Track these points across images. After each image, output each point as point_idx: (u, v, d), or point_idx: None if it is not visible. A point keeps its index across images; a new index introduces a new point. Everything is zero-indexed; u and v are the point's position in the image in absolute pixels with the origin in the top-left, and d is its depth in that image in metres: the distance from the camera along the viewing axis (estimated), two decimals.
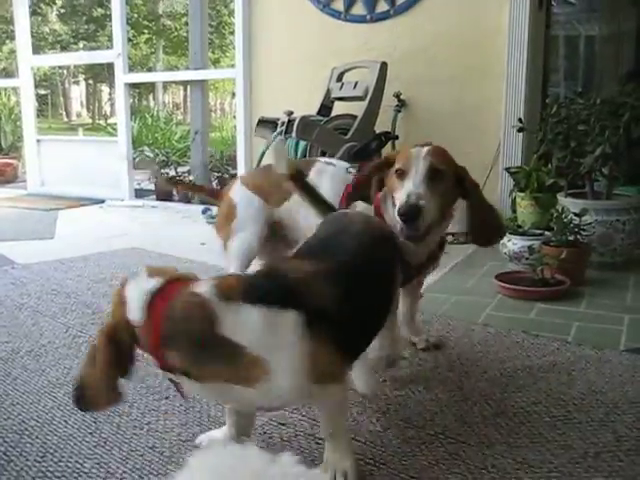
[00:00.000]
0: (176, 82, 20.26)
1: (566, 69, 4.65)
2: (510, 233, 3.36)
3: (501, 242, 3.38)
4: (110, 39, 6.32)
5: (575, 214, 3.12)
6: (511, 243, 3.30)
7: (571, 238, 3.08)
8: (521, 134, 3.99)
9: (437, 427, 1.71)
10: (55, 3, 19.45)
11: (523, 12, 4.07)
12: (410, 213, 1.73)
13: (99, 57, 7.68)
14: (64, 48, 18.88)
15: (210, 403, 1.86)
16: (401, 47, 4.46)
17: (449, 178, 1.85)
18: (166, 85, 21.76)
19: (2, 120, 7.94)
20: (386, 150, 4.24)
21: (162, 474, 1.51)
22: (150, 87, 20.33)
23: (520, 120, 3.70)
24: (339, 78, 4.44)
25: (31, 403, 1.89)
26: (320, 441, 1.63)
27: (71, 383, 2.01)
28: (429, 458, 1.56)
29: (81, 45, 19.69)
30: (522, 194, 3.79)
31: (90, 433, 1.71)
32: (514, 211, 3.91)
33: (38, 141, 6.75)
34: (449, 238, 4.01)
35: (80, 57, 10.91)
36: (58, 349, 2.30)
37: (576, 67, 5.10)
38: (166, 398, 1.91)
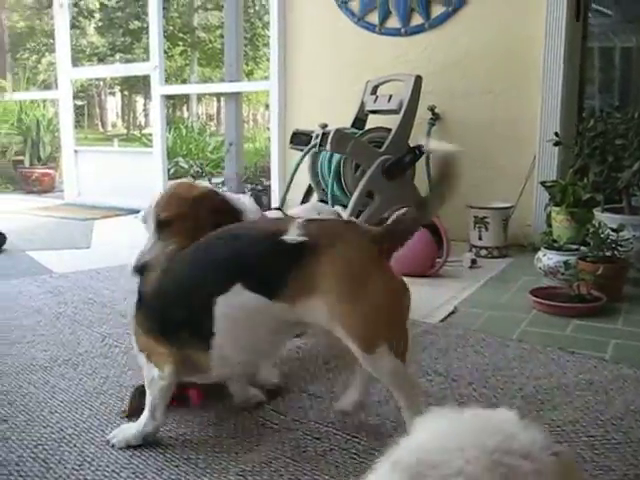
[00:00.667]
0: (210, 94, 20.46)
1: (602, 81, 4.60)
2: (545, 248, 3.33)
3: (536, 257, 3.35)
4: (146, 51, 6.42)
5: (612, 229, 3.08)
6: (546, 258, 3.27)
7: (608, 254, 3.04)
8: (557, 148, 3.95)
9: None
10: (93, 17, 19.81)
11: (560, 23, 4.04)
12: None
13: (136, 69, 7.83)
14: (101, 60, 19.21)
15: (243, 417, 1.87)
16: (436, 60, 4.46)
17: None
18: (200, 96, 21.97)
19: (41, 131, 8.09)
20: (419, 164, 4.25)
21: None
22: (184, 98, 20.57)
23: (556, 134, 3.67)
24: (373, 91, 4.45)
25: (69, 411, 1.92)
26: (355, 455, 1.63)
27: (108, 393, 2.04)
28: None
29: (117, 57, 20.01)
30: (557, 208, 3.75)
31: None
32: (549, 225, 3.87)
33: (75, 152, 6.88)
34: (483, 252, 3.99)
35: (117, 69, 11.13)
36: (95, 358, 2.34)
37: (612, 79, 5.04)
38: (200, 409, 1.92)
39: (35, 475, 1.57)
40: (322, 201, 4.41)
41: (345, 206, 4.04)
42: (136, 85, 22.40)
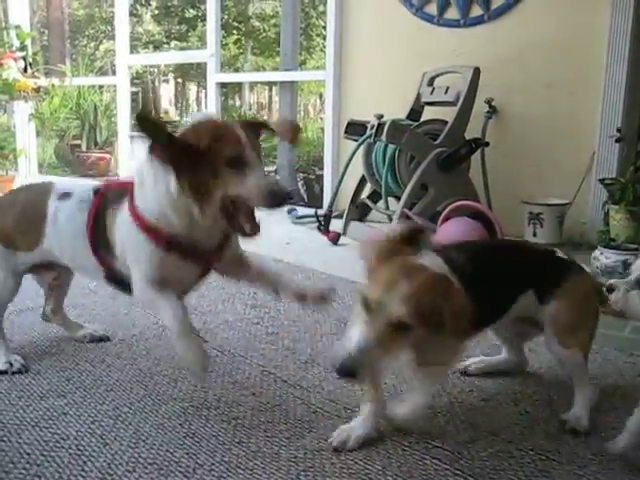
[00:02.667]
0: (262, 82, 20.54)
1: None
2: (603, 246, 3.25)
3: (593, 255, 3.28)
4: (201, 39, 6.49)
5: None
6: (604, 257, 3.19)
7: None
8: (617, 144, 3.85)
9: (526, 442, 1.67)
10: (150, 4, 20.06)
11: (625, 18, 3.92)
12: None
13: (193, 57, 7.90)
14: (157, 47, 19.45)
15: (295, 403, 1.87)
16: (494, 53, 4.38)
17: None
18: (252, 85, 22.08)
19: (98, 116, 8.25)
20: (475, 157, 4.19)
21: (249, 469, 1.53)
22: (237, 87, 20.69)
23: (619, 130, 3.58)
24: (430, 83, 4.41)
25: (124, 390, 1.95)
26: (407, 447, 1.62)
27: (162, 374, 2.07)
28: (518, 474, 1.53)
29: (172, 45, 20.24)
30: (616, 207, 3.65)
31: (180, 424, 1.75)
32: (607, 224, 3.77)
33: (131, 137, 6.99)
34: None
35: (174, 57, 11.23)
36: (149, 340, 2.38)
37: None
38: (253, 394, 1.94)
39: (93, 450, 1.60)
40: (375, 192, 4.40)
41: (398, 198, 4.02)
42: (189, 73, 22.63)
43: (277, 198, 1.67)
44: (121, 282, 1.91)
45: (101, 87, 8.63)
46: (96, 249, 1.90)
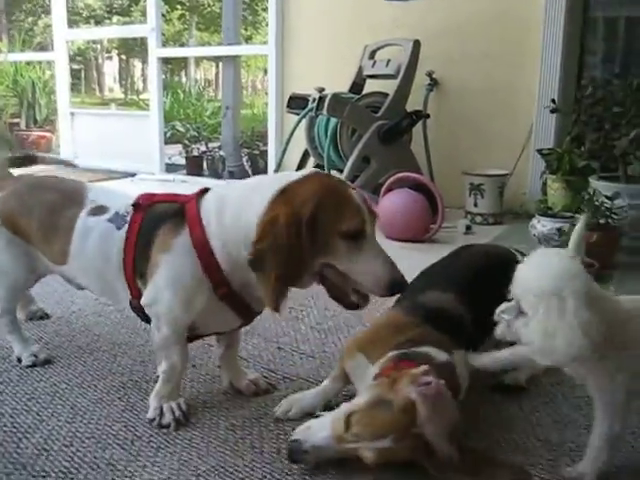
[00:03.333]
0: (208, 58, 20.27)
1: (605, 52, 4.54)
2: (539, 215, 3.34)
3: (530, 224, 3.36)
4: (143, 14, 6.34)
5: (607, 197, 3.08)
6: (540, 225, 3.27)
7: (602, 221, 3.05)
8: (554, 115, 3.94)
9: None
10: None
11: None
12: None
13: (133, 31, 7.74)
14: (98, 22, 18.99)
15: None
16: (434, 24, 4.42)
17: None
18: (198, 61, 21.78)
19: (37, 93, 8.01)
20: (416, 129, 4.23)
21: (187, 439, 1.55)
22: (182, 63, 20.38)
23: (553, 101, 3.66)
24: (371, 56, 4.42)
25: (62, 367, 1.94)
26: None
27: (101, 350, 2.06)
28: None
29: (115, 20, 19.78)
30: (553, 176, 3.75)
31: (119, 398, 1.75)
32: (545, 193, 3.87)
33: (72, 114, 6.84)
34: (478, 219, 4.01)
35: (114, 31, 10.98)
36: (88, 316, 2.36)
37: (616, 50, 4.98)
38: (193, 366, 1.94)
39: (29, 427, 1.59)
40: (318, 166, 4.41)
41: (341, 171, 4.04)
42: (134, 49, 22.17)
43: (395, 289, 1.47)
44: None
45: (40, 63, 8.39)
46: (132, 273, 1.64)
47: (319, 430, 1.38)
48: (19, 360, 1.95)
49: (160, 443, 1.53)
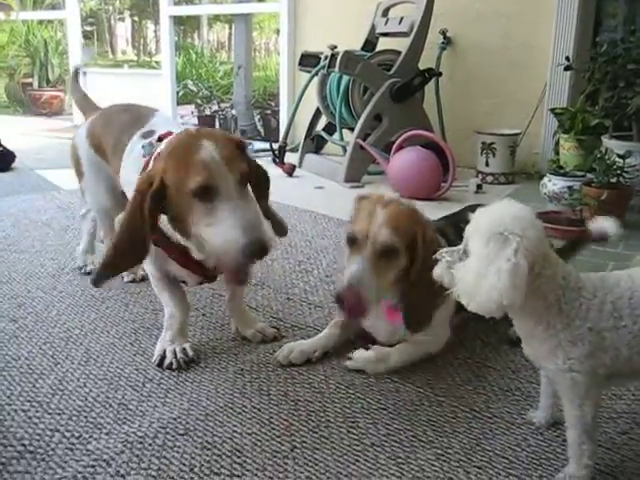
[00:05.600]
0: (220, 20, 20.03)
1: (625, 14, 4.45)
2: (551, 173, 3.33)
3: (541, 182, 3.35)
4: None
5: (619, 156, 3.07)
6: (551, 183, 3.27)
7: (613, 180, 3.04)
8: (568, 74, 3.90)
9: (466, 352, 1.76)
10: None
11: None
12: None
13: None
14: None
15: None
16: None
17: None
18: (211, 22, 21.50)
19: (49, 53, 8.00)
20: (429, 87, 4.20)
21: (196, 382, 1.59)
22: (195, 24, 20.14)
23: (567, 58, 3.61)
24: (384, 13, 4.37)
25: (75, 314, 1.98)
26: (349, 359, 1.69)
27: (113, 299, 2.10)
28: (456, 379, 1.61)
29: None
30: (566, 136, 3.72)
31: (130, 343, 1.79)
32: (557, 153, 3.85)
33: (84, 73, 6.82)
34: (489, 179, 4.00)
35: None
36: None
37: (635, 11, 4.89)
38: (203, 315, 1.98)
39: (44, 369, 1.64)
40: (329, 124, 4.41)
41: (352, 129, 4.03)
42: (146, 10, 21.95)
43: (249, 253, 1.36)
44: None
45: (51, 22, 8.35)
46: None
47: (347, 270, 1.51)
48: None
49: (170, 385, 1.57)
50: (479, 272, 1.12)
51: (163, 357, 1.67)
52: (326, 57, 4.00)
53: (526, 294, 1.11)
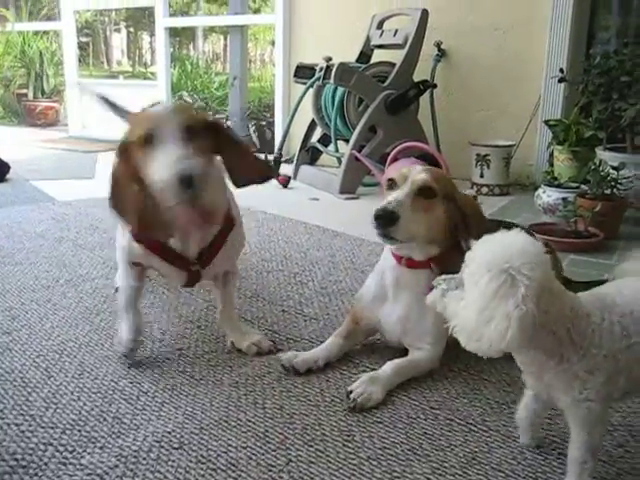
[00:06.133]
0: (216, 31, 20.09)
1: (618, 27, 4.48)
2: (545, 185, 3.34)
3: (536, 194, 3.37)
4: None
5: (613, 167, 3.08)
6: (546, 195, 3.28)
7: (607, 192, 3.05)
8: (562, 86, 3.92)
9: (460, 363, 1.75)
10: None
11: None
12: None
13: (140, 1, 7.66)
14: None
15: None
16: None
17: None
18: (206, 34, 21.56)
19: (45, 64, 8.01)
20: (423, 99, 4.22)
21: (191, 395, 1.58)
22: (190, 36, 20.20)
23: (561, 70, 3.63)
24: (379, 25, 4.39)
25: (70, 327, 1.97)
26: (345, 371, 1.68)
27: (107, 311, 2.09)
28: (451, 392, 1.61)
29: None
30: (560, 147, 3.74)
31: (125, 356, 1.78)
32: (551, 164, 3.86)
33: (79, 84, 6.82)
34: (484, 190, 4.01)
35: (121, 1, 10.87)
36: (95, 280, 2.39)
37: (628, 25, 4.92)
38: (198, 327, 1.98)
39: (37, 382, 1.63)
40: (324, 135, 4.41)
41: (348, 141, 4.04)
42: (141, 21, 22.01)
43: (178, 182, 1.42)
44: None
45: (47, 34, 8.36)
46: None
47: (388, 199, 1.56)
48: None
49: (165, 398, 1.56)
50: (482, 312, 1.06)
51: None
52: (321, 69, 4.01)
53: (533, 333, 1.06)
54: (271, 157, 4.42)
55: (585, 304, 1.15)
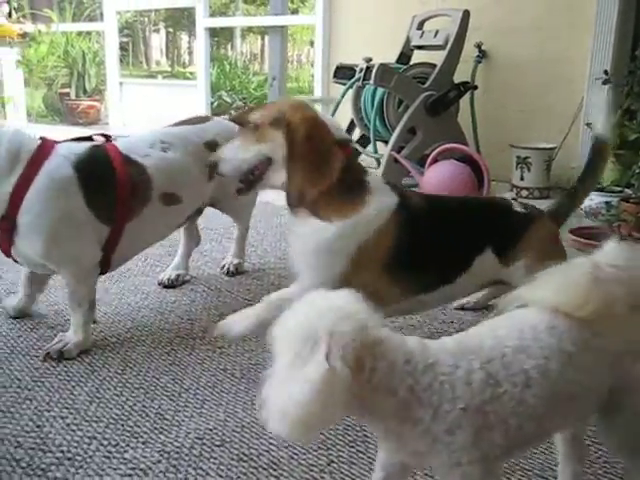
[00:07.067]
0: (254, 31, 20.20)
1: None
2: None
3: None
4: None
5: None
6: (588, 199, 3.22)
7: None
8: (606, 87, 3.85)
9: None
10: None
11: None
12: None
13: (181, 1, 7.75)
14: None
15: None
16: None
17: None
18: (244, 34, 21.71)
19: (87, 63, 8.13)
20: (464, 101, 4.19)
21: (232, 392, 1.59)
22: (228, 36, 20.35)
23: (606, 72, 3.57)
24: (420, 26, 4.36)
25: (112, 322, 2.00)
26: None
27: (149, 307, 2.12)
28: None
29: None
30: None
31: (166, 353, 1.80)
32: None
33: (121, 84, 6.93)
34: (524, 193, 3.96)
35: (162, 2, 10.99)
36: (137, 276, 2.42)
37: None
38: None
39: (81, 376, 1.66)
40: (363, 136, 4.41)
41: (386, 142, 4.03)
42: (180, 22, 22.24)
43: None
44: None
45: (89, 34, 8.49)
46: None
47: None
48: None
49: (206, 396, 1.58)
50: (283, 384, 0.84)
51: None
52: (361, 69, 4.00)
53: (367, 398, 0.89)
54: None
55: (433, 352, 0.94)
